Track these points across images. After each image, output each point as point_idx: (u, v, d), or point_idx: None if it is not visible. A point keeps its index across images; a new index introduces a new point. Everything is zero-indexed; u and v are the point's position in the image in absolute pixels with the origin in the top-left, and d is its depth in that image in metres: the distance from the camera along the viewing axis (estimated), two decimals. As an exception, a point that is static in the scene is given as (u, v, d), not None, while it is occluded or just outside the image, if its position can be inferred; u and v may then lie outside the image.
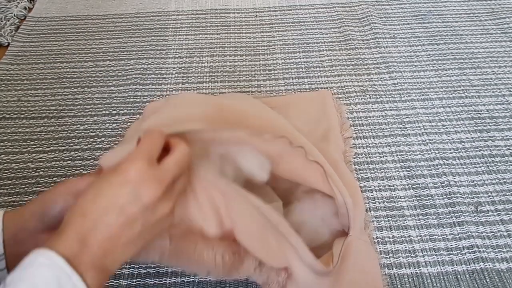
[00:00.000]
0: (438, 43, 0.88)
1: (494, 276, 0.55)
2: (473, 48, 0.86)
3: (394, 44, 0.88)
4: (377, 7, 0.97)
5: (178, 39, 0.92)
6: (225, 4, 1.01)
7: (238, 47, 0.89)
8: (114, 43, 0.91)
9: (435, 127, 0.72)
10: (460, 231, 0.59)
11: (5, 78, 0.84)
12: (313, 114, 0.71)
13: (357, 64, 0.84)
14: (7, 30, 0.94)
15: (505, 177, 0.65)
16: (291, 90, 0.79)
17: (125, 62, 0.87)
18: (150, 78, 0.83)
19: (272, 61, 0.86)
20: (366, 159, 0.68)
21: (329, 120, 0.70)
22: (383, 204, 0.63)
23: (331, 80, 0.81)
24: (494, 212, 0.61)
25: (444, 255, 0.57)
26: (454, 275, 0.55)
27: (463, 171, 0.66)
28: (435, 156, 0.68)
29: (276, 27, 0.94)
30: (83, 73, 0.85)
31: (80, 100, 0.79)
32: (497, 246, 0.58)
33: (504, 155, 0.68)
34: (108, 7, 1.01)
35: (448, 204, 0.62)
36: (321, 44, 0.89)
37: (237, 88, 0.80)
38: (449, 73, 0.81)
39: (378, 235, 0.59)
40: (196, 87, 0.81)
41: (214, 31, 0.94)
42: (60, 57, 0.89)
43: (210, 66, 0.85)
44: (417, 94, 0.77)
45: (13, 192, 0.66)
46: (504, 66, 0.82)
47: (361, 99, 0.77)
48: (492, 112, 0.74)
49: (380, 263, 0.56)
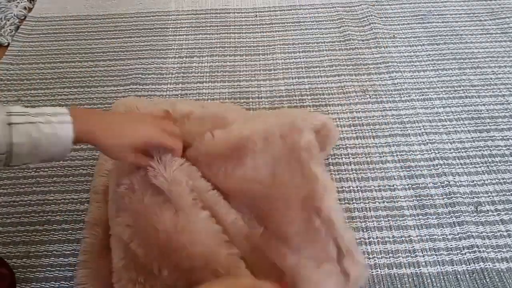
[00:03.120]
0: (438, 43, 0.88)
1: (494, 276, 0.55)
2: (473, 48, 0.86)
3: (394, 44, 0.88)
4: (377, 7, 0.97)
5: (178, 39, 0.92)
6: (225, 4, 1.01)
7: (238, 47, 0.89)
8: (114, 43, 0.91)
9: (435, 127, 0.72)
10: (460, 231, 0.59)
11: (5, 78, 0.84)
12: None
13: (357, 64, 0.84)
14: (7, 30, 0.94)
15: (505, 177, 0.65)
16: (291, 90, 0.79)
17: (125, 62, 0.87)
18: (150, 78, 0.83)
19: (272, 61, 0.86)
20: (366, 159, 0.68)
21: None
22: (383, 204, 0.63)
23: (331, 80, 0.81)
24: (494, 212, 0.61)
25: (444, 255, 0.57)
26: (454, 275, 0.55)
27: (463, 171, 0.66)
28: (435, 156, 0.68)
29: (276, 27, 0.94)
30: (83, 73, 0.85)
31: (80, 100, 0.79)
32: (497, 246, 0.58)
33: (504, 155, 0.68)
34: (108, 7, 1.01)
35: (448, 204, 0.62)
36: (321, 44, 0.89)
37: (237, 88, 0.80)
38: (449, 73, 0.81)
39: (378, 235, 0.59)
40: (196, 87, 0.81)
41: (214, 31, 0.94)
42: (60, 57, 0.89)
43: (210, 66, 0.85)
44: (417, 94, 0.77)
45: (13, 192, 0.66)
46: (504, 66, 0.82)
47: (361, 99, 0.77)
48: (492, 112, 0.74)
49: (379, 263, 0.56)
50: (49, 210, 0.64)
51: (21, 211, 0.64)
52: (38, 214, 0.63)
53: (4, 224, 0.62)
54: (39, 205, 0.64)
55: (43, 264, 0.58)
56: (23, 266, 0.58)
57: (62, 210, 0.64)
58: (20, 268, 0.58)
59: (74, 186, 0.66)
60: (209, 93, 0.79)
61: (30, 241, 0.60)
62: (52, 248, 0.60)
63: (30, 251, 0.59)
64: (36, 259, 0.58)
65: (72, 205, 0.64)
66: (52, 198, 0.65)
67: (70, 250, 0.59)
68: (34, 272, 0.57)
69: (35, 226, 0.62)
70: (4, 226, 0.62)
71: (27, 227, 0.62)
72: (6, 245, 0.60)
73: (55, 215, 0.63)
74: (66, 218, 0.62)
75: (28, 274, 0.57)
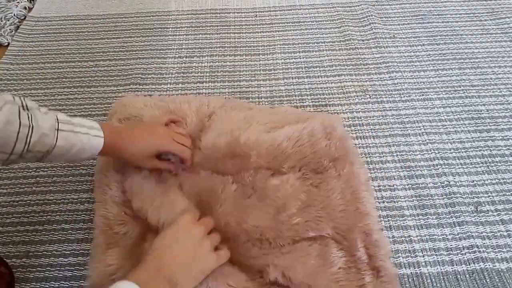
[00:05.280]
0: (438, 43, 0.88)
1: (494, 276, 0.55)
2: (473, 48, 0.86)
3: (394, 44, 0.88)
4: (377, 7, 0.97)
5: (178, 39, 0.92)
6: (225, 4, 1.01)
7: (238, 47, 0.89)
8: (114, 43, 0.91)
9: (435, 127, 0.72)
10: (460, 231, 0.59)
11: (5, 78, 0.84)
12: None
13: (357, 64, 0.84)
14: (7, 30, 0.94)
15: (505, 177, 0.65)
16: (291, 90, 0.79)
17: (125, 62, 0.87)
18: (150, 78, 0.83)
19: (272, 61, 0.86)
20: (366, 159, 0.68)
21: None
22: (383, 204, 0.63)
23: (331, 80, 0.81)
24: (494, 212, 0.61)
25: (444, 255, 0.57)
26: (454, 275, 0.55)
27: (463, 171, 0.66)
28: (435, 156, 0.68)
29: (276, 27, 0.94)
30: (83, 73, 0.85)
31: (80, 100, 0.79)
32: (497, 246, 0.58)
33: (504, 155, 0.68)
34: (108, 7, 1.01)
35: (448, 204, 0.62)
36: (321, 44, 0.89)
37: (237, 88, 0.80)
38: (449, 73, 0.81)
39: (378, 235, 0.59)
40: (196, 87, 0.81)
41: (214, 31, 0.94)
42: (60, 57, 0.89)
43: (210, 66, 0.85)
44: (417, 94, 0.77)
45: (13, 192, 0.66)
46: (504, 66, 0.82)
47: (361, 99, 0.77)
48: (492, 112, 0.74)
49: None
50: (49, 210, 0.64)
51: (21, 211, 0.64)
52: (38, 214, 0.63)
53: (4, 224, 0.62)
54: (39, 205, 0.64)
55: (43, 264, 0.58)
56: (22, 265, 0.58)
57: (62, 210, 0.64)
58: (20, 267, 0.58)
59: (74, 186, 0.66)
60: (209, 93, 0.79)
61: (30, 241, 0.60)
62: (52, 248, 0.60)
63: (29, 251, 0.59)
64: (35, 259, 0.58)
65: (72, 205, 0.64)
66: (52, 198, 0.65)
67: (70, 250, 0.59)
68: (34, 272, 0.57)
69: (35, 226, 0.62)
70: (4, 226, 0.62)
71: (27, 227, 0.62)
72: (5, 244, 0.60)
73: (55, 215, 0.63)
74: (66, 218, 0.63)
75: (28, 273, 0.57)
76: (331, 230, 0.55)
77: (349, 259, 0.53)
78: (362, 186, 0.59)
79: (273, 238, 0.54)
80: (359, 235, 0.55)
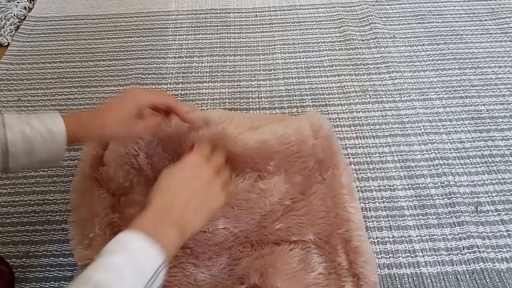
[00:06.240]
0: (438, 43, 0.88)
1: (494, 276, 0.55)
2: (473, 48, 0.86)
3: (394, 44, 0.88)
4: (377, 7, 0.97)
5: (178, 39, 0.92)
6: (225, 4, 1.01)
7: (238, 47, 0.89)
8: (114, 43, 0.91)
9: (435, 127, 0.72)
10: (460, 231, 0.59)
11: (5, 78, 0.84)
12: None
13: (357, 64, 0.84)
14: (7, 30, 0.94)
15: (505, 177, 0.65)
16: (291, 90, 0.79)
17: (125, 62, 0.87)
18: (150, 78, 0.83)
19: (272, 61, 0.86)
20: (366, 159, 0.68)
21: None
22: (383, 204, 0.63)
23: (331, 80, 0.81)
24: (494, 212, 0.61)
25: (444, 255, 0.57)
26: (454, 275, 0.55)
27: (463, 171, 0.66)
28: (435, 156, 0.68)
29: (276, 27, 0.94)
30: (83, 73, 0.85)
31: (80, 100, 0.79)
32: (497, 246, 0.58)
33: (504, 155, 0.68)
34: (108, 7, 1.01)
35: (448, 204, 0.62)
36: (321, 44, 0.89)
37: (237, 88, 0.80)
38: (449, 73, 0.81)
39: (378, 235, 0.59)
40: (196, 87, 0.81)
41: (214, 31, 0.94)
42: (60, 57, 0.89)
43: (210, 66, 0.85)
44: (417, 94, 0.77)
45: (13, 192, 0.66)
46: (504, 66, 0.82)
47: (361, 99, 0.77)
48: (492, 112, 0.74)
49: (379, 263, 0.56)
50: (49, 210, 0.64)
51: (21, 211, 0.64)
52: (38, 214, 0.63)
53: (4, 224, 0.62)
54: (39, 205, 0.64)
55: (43, 264, 0.58)
56: (22, 265, 0.58)
57: (62, 210, 0.64)
58: (20, 267, 0.58)
59: (74, 186, 0.66)
60: (209, 93, 0.79)
61: (29, 241, 0.60)
62: (52, 248, 0.60)
63: (29, 251, 0.59)
64: (35, 259, 0.58)
65: (72, 205, 0.64)
66: (52, 198, 0.65)
67: (70, 250, 0.59)
68: (34, 272, 0.57)
69: (35, 226, 0.62)
70: (4, 226, 0.62)
71: (27, 227, 0.62)
72: (5, 244, 0.60)
73: (55, 215, 0.63)
74: (66, 218, 0.62)
75: (28, 273, 0.57)
76: (312, 235, 0.55)
77: (330, 265, 0.53)
78: (344, 190, 0.58)
79: (256, 241, 0.55)
80: (339, 241, 0.54)
